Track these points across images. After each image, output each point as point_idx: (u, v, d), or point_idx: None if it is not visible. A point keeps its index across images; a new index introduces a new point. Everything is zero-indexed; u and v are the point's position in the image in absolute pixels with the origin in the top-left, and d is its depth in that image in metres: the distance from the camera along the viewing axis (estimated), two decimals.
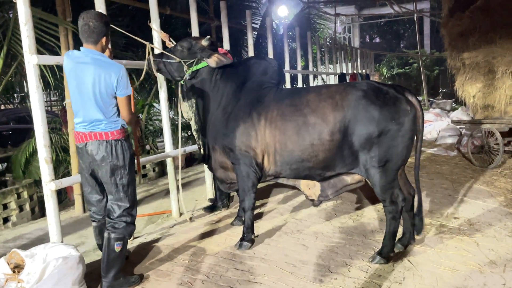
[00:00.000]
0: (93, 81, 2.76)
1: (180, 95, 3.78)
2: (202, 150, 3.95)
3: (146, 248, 3.74)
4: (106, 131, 2.86)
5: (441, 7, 14.93)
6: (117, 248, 2.93)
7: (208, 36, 3.71)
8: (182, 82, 3.75)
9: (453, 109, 13.02)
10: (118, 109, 2.91)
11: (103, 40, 2.86)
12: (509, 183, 5.55)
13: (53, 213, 3.03)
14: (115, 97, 2.86)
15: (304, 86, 9.86)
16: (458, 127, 8.85)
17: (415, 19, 16.29)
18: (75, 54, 2.85)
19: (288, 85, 7.94)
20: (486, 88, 8.05)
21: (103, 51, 2.89)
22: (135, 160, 3.04)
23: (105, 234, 2.95)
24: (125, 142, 2.95)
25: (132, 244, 3.84)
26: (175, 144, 4.79)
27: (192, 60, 3.67)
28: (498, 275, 3.01)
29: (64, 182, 3.21)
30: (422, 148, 3.25)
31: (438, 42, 18.84)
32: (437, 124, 9.15)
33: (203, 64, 3.67)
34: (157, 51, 3.96)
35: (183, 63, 3.66)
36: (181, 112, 3.87)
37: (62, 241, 3.08)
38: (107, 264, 2.93)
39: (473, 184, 5.52)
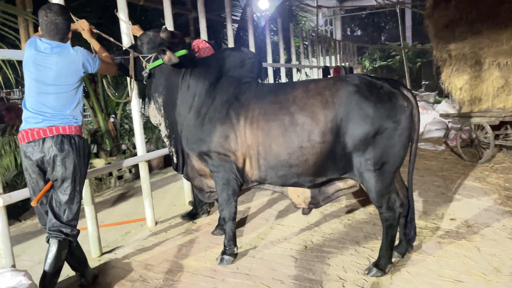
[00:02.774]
0: (57, 72, 2.67)
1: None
2: (174, 158, 3.55)
3: (115, 266, 3.35)
4: (70, 125, 2.74)
5: None
6: (63, 256, 2.69)
7: (164, 27, 3.25)
8: (145, 81, 3.36)
9: (436, 102, 12.92)
10: (79, 104, 2.82)
11: (69, 35, 2.83)
12: (501, 178, 5.37)
13: (1, 233, 2.61)
14: (80, 84, 2.80)
15: (287, 80, 9.53)
16: (445, 120, 8.67)
17: (398, 11, 16.11)
18: (37, 44, 2.70)
19: (270, 79, 7.59)
20: (473, 80, 7.87)
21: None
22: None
23: (52, 242, 2.67)
24: (85, 139, 2.86)
25: (100, 261, 3.45)
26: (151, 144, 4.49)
27: (149, 56, 3.26)
28: (505, 285, 2.77)
29: (15, 196, 2.78)
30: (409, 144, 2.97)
31: (420, 34, 18.80)
32: (423, 118, 8.94)
33: (159, 61, 3.24)
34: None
35: (141, 58, 3.26)
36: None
37: (13, 265, 2.67)
38: (52, 276, 2.64)
39: (465, 180, 5.33)
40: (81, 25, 3.14)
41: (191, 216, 4.37)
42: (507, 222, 3.80)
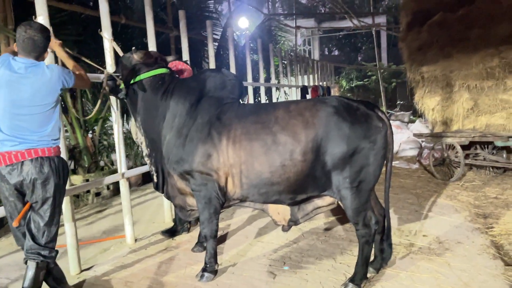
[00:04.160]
0: (33, 92, 2.61)
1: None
2: (155, 177, 3.58)
3: (95, 284, 3.33)
4: (49, 147, 2.69)
5: (397, 22, 15.36)
6: (41, 277, 2.65)
7: (134, 48, 3.39)
8: (124, 99, 3.45)
9: (411, 121, 13.29)
10: (57, 123, 2.78)
11: (45, 54, 2.79)
12: (471, 196, 5.59)
13: None
14: (57, 103, 2.76)
15: (267, 98, 9.68)
16: (419, 139, 8.95)
17: (373, 33, 16.63)
18: (11, 63, 2.62)
19: (250, 97, 7.71)
20: (444, 101, 8.20)
21: None
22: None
23: (30, 264, 2.63)
24: (63, 159, 2.83)
25: (79, 278, 3.43)
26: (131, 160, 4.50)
27: (118, 74, 3.36)
28: None
29: None
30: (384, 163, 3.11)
31: (395, 56, 19.36)
32: (398, 137, 9.21)
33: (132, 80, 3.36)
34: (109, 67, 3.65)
35: (114, 76, 3.36)
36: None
37: None
38: None
39: (437, 198, 5.51)
40: (57, 42, 3.13)
41: (171, 232, 4.38)
42: (477, 239, 3.95)
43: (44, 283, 2.81)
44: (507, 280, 3.12)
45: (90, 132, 7.31)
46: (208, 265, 3.34)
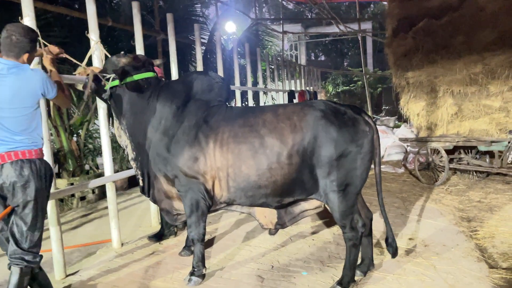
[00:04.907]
0: (12, 94, 2.54)
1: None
2: (141, 181, 3.53)
3: None
4: (30, 149, 2.62)
5: (383, 28, 15.55)
6: (26, 282, 2.60)
7: (122, 52, 3.36)
8: (108, 101, 3.42)
9: (396, 126, 13.44)
10: (38, 126, 2.71)
11: (25, 56, 2.66)
12: (456, 200, 5.67)
13: None
14: (38, 107, 2.69)
15: (254, 103, 9.70)
16: (404, 144, 9.05)
17: (359, 39, 16.80)
18: None
19: (238, 102, 7.72)
20: (429, 107, 8.33)
21: None
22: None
23: (13, 269, 2.57)
24: (46, 162, 2.76)
25: (64, 283, 3.37)
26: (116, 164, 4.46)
27: (108, 76, 3.31)
28: None
29: None
30: (371, 166, 3.14)
31: (380, 61, 19.63)
32: (383, 141, 9.30)
33: (116, 82, 3.30)
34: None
35: (101, 77, 3.30)
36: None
37: None
38: None
39: (422, 202, 5.58)
40: (50, 49, 3.08)
41: (158, 237, 4.34)
42: (461, 242, 4.01)
43: None
44: (491, 282, 3.17)
45: (75, 135, 7.22)
46: (196, 269, 3.31)
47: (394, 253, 3.29)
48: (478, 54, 7.35)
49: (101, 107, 4.03)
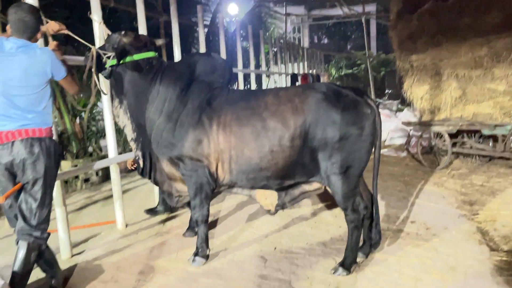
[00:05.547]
0: (22, 72, 2.60)
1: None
2: (141, 162, 3.51)
3: (87, 268, 3.34)
4: (40, 127, 2.68)
5: (387, 10, 15.35)
6: (33, 258, 2.66)
7: (123, 31, 3.31)
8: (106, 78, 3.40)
9: (399, 110, 13.38)
10: (48, 105, 2.78)
11: (38, 35, 2.78)
12: (458, 184, 5.68)
13: None
14: (47, 87, 2.74)
15: (256, 86, 9.66)
16: (407, 128, 9.02)
17: (363, 21, 16.59)
18: (3, 44, 2.64)
19: (241, 85, 7.69)
20: (433, 90, 8.26)
21: None
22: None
23: (21, 244, 2.64)
24: (55, 141, 2.83)
25: (70, 262, 3.43)
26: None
27: (109, 54, 3.24)
28: (461, 283, 2.96)
29: None
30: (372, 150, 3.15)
31: (384, 44, 19.41)
32: (386, 125, 9.27)
33: (115, 61, 3.24)
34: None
35: (102, 55, 3.22)
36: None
37: None
38: (22, 277, 2.61)
39: (425, 185, 5.59)
40: (51, 27, 3.04)
41: (154, 212, 4.53)
42: (463, 225, 4.03)
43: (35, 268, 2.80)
44: (492, 264, 3.20)
45: (78, 117, 7.22)
46: (199, 250, 3.36)
47: (376, 239, 3.33)
48: (484, 36, 7.24)
49: (104, 88, 4.01)
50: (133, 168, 4.43)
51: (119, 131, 8.05)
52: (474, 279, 2.99)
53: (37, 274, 3.02)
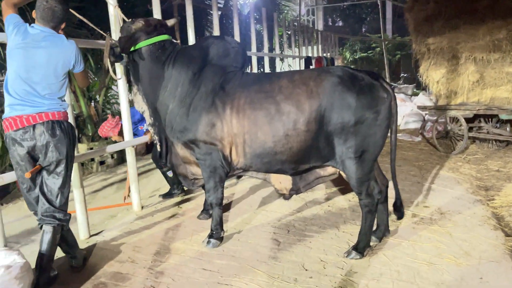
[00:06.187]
0: (47, 60, 2.67)
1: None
2: (158, 146, 3.57)
3: (104, 248, 3.42)
4: (58, 111, 2.77)
5: None
6: (57, 241, 2.77)
7: (134, 20, 3.34)
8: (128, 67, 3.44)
9: (414, 94, 13.21)
10: (66, 90, 2.89)
11: (62, 25, 2.85)
12: (473, 169, 5.62)
13: None
14: (67, 76, 2.83)
15: (270, 69, 9.60)
16: (422, 112, 8.93)
17: (378, 3, 16.28)
18: (28, 30, 2.67)
19: (254, 68, 7.65)
20: (449, 74, 8.13)
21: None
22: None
23: (46, 228, 2.72)
24: (71, 124, 2.92)
25: (88, 243, 3.51)
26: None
27: (117, 44, 3.31)
28: (474, 268, 2.95)
29: (7, 178, 2.81)
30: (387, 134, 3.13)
31: (400, 27, 19.02)
32: (401, 109, 9.18)
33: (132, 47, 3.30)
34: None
35: (117, 43, 3.30)
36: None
37: (5, 245, 2.72)
38: (49, 260, 2.71)
39: (439, 170, 5.55)
40: None
41: (169, 195, 4.65)
42: (478, 210, 4.01)
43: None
44: (507, 250, 3.18)
45: (93, 101, 7.30)
46: (214, 232, 3.41)
47: (400, 217, 3.46)
48: (503, 19, 7.08)
49: (120, 72, 4.04)
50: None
51: None
52: (488, 264, 2.98)
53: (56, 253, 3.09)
